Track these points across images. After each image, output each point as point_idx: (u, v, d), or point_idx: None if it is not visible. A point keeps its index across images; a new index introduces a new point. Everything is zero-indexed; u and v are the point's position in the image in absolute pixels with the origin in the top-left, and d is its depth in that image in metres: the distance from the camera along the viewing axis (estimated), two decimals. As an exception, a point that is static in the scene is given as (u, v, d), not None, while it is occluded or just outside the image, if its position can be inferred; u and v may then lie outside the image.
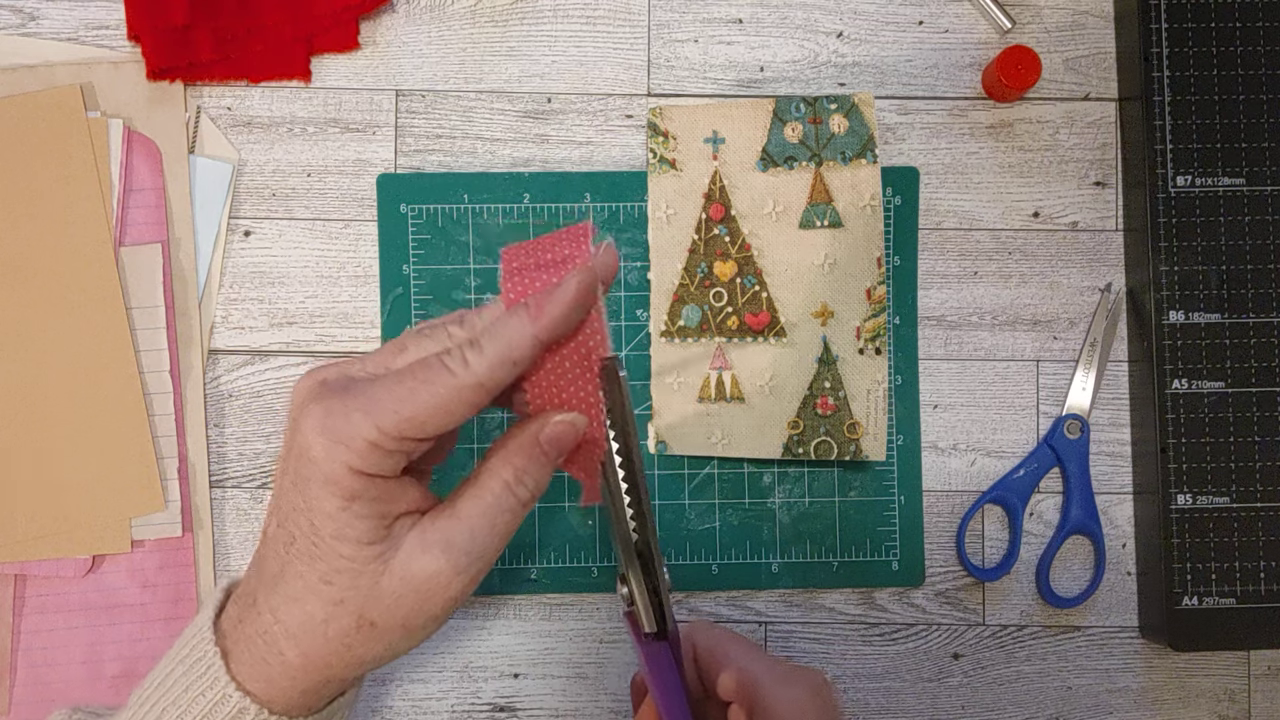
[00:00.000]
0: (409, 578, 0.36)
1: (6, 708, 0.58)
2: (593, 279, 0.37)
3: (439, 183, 0.61)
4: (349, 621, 0.36)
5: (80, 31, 0.61)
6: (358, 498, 0.35)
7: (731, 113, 0.60)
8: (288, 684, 0.37)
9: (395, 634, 0.37)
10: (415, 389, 0.35)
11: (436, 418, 0.35)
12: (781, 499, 0.61)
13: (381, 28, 0.62)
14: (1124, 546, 0.62)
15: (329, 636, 0.37)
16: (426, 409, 0.35)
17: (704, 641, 0.46)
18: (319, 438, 0.35)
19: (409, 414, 0.35)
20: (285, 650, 0.37)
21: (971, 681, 0.61)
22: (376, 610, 0.36)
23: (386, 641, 0.37)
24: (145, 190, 0.60)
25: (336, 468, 0.35)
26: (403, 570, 0.36)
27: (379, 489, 0.36)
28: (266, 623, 0.37)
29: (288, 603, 0.37)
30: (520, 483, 0.38)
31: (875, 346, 0.59)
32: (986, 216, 0.63)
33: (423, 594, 0.36)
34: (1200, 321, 0.60)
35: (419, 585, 0.36)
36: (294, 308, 0.61)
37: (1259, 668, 0.62)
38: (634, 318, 0.61)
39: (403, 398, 0.35)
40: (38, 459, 0.58)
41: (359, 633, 0.37)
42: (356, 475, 0.35)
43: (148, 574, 0.59)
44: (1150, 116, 0.61)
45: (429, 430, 0.36)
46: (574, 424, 0.38)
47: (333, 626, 0.36)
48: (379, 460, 0.35)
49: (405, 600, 0.36)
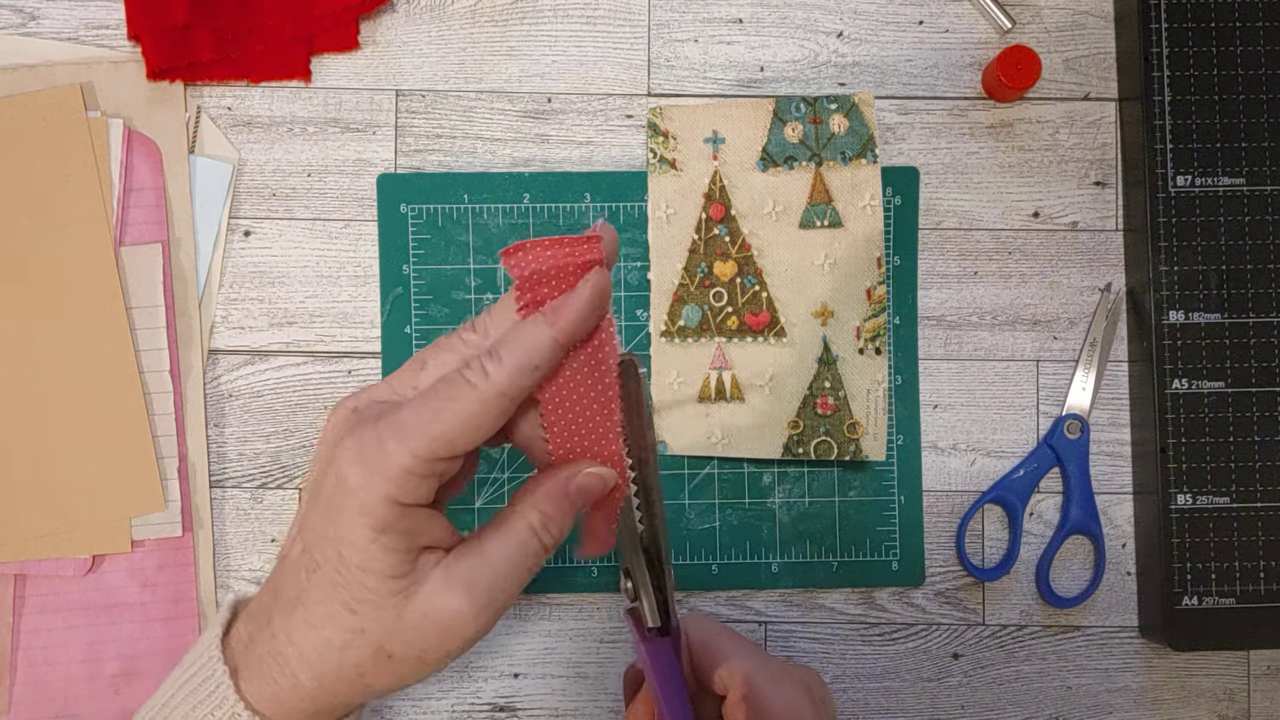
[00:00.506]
0: (431, 614, 0.36)
1: (6, 707, 0.58)
2: (607, 282, 0.37)
3: (439, 183, 0.61)
4: (367, 651, 0.37)
5: (80, 31, 0.61)
6: (389, 530, 0.36)
7: (731, 113, 0.60)
8: (296, 706, 0.38)
9: (410, 666, 0.37)
10: (441, 408, 0.36)
11: (465, 433, 0.36)
12: (781, 499, 0.61)
13: (381, 28, 0.62)
14: (1124, 546, 0.62)
15: (344, 664, 0.37)
16: (454, 426, 0.35)
17: (698, 635, 0.46)
18: (355, 467, 0.35)
19: (438, 433, 0.35)
20: (299, 673, 0.37)
21: (971, 681, 0.61)
22: (396, 643, 0.37)
23: (400, 673, 0.38)
24: (145, 190, 0.60)
25: (372, 498, 0.35)
26: (425, 606, 0.36)
27: (410, 521, 0.36)
28: (280, 644, 0.37)
29: (305, 627, 0.37)
30: (546, 529, 0.38)
31: (875, 346, 0.59)
32: (986, 216, 0.63)
33: (443, 631, 0.37)
34: (1200, 321, 0.60)
35: (440, 622, 0.36)
36: (294, 308, 0.61)
37: (1259, 667, 0.62)
38: (634, 318, 0.61)
39: (429, 419, 0.35)
40: (38, 459, 0.58)
41: (375, 663, 0.37)
42: (391, 505, 0.35)
43: (148, 574, 0.59)
44: (1150, 116, 0.61)
45: (458, 447, 0.36)
46: (603, 477, 0.39)
47: (349, 654, 0.37)
48: (414, 488, 0.36)
49: (426, 636, 0.37)
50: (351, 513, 0.35)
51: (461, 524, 0.60)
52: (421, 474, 0.36)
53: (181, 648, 0.58)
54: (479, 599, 0.37)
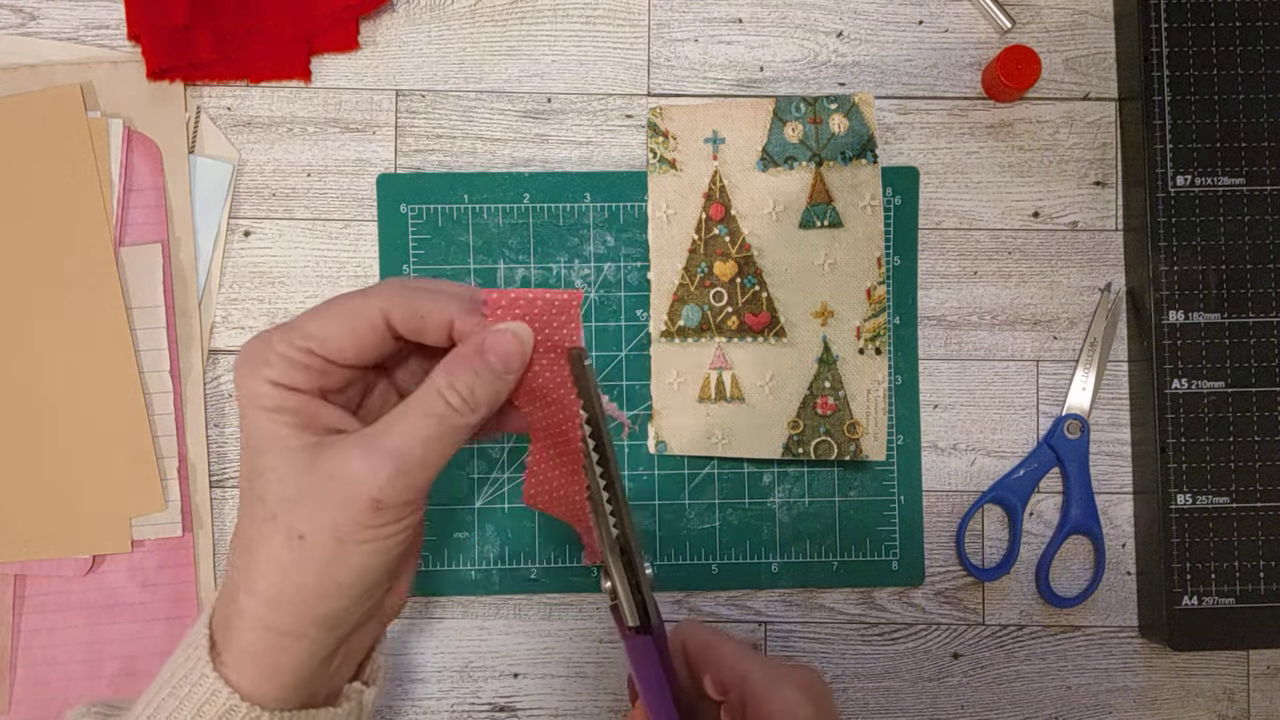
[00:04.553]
0: (332, 473, 0.36)
1: (6, 707, 0.58)
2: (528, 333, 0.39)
3: (439, 183, 0.61)
4: (279, 537, 0.36)
5: (80, 31, 0.61)
6: (281, 409, 0.37)
7: (731, 112, 0.60)
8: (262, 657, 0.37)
9: (327, 548, 0.36)
10: (325, 308, 0.38)
11: (338, 335, 0.37)
12: (781, 499, 0.61)
13: (381, 28, 0.62)
14: (1124, 546, 0.62)
15: (268, 564, 0.36)
16: (329, 325, 0.37)
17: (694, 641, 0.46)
18: (239, 369, 0.38)
19: (313, 328, 0.37)
20: (242, 601, 0.37)
21: (971, 681, 0.61)
22: (301, 517, 0.36)
23: (321, 561, 0.36)
24: (145, 190, 0.60)
25: (256, 383, 0.37)
26: (325, 467, 0.36)
27: (301, 402, 0.37)
28: (232, 586, 0.38)
29: (238, 551, 0.38)
30: (451, 389, 0.37)
31: (875, 346, 0.59)
32: (986, 216, 0.63)
33: (345, 490, 0.36)
34: (1200, 321, 0.60)
35: (341, 481, 0.36)
36: (294, 308, 0.61)
37: (1258, 667, 0.62)
38: (634, 318, 0.61)
39: (311, 316, 0.38)
40: (38, 459, 0.58)
41: (289, 549, 0.36)
42: (274, 387, 0.37)
43: (148, 573, 0.59)
44: (1150, 116, 0.61)
45: (332, 345, 0.37)
46: (517, 333, 0.39)
47: (267, 550, 0.36)
48: (292, 373, 0.37)
49: (328, 500, 0.36)
50: (247, 406, 0.37)
51: (461, 524, 0.60)
52: (300, 362, 0.37)
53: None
54: (380, 457, 0.36)
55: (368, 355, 0.39)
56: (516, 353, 0.38)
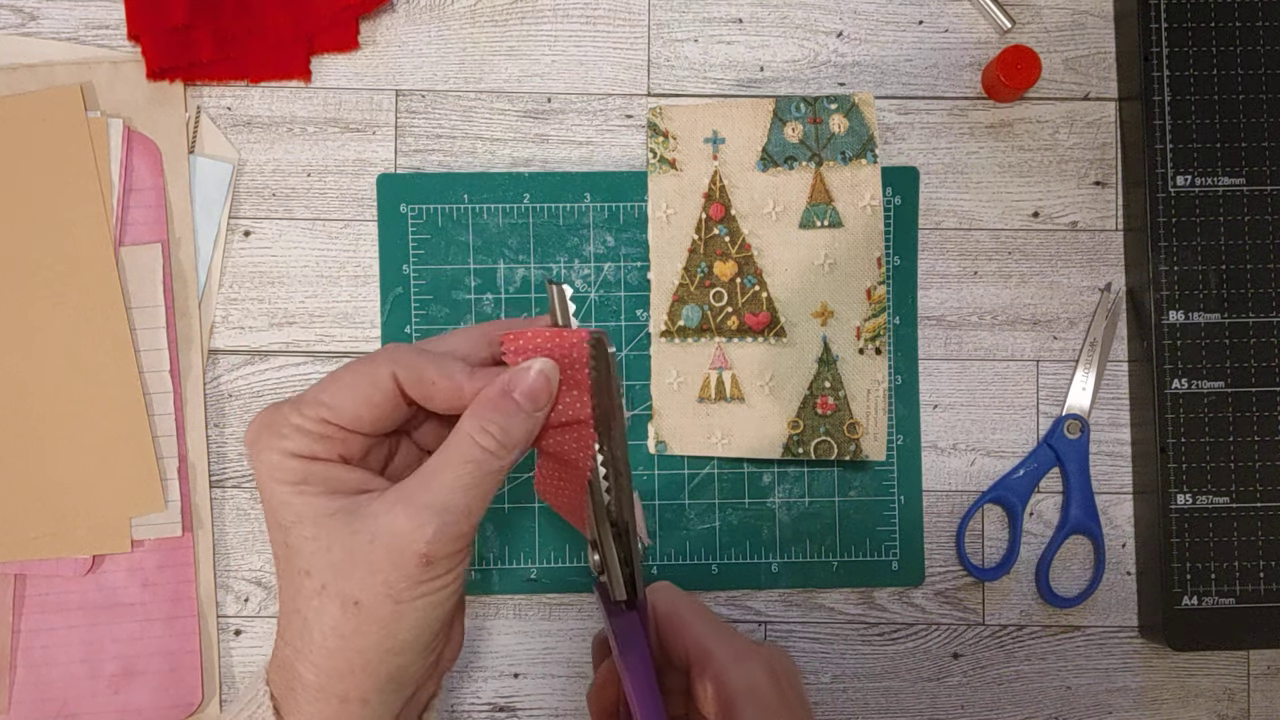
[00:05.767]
0: (377, 536, 0.36)
1: (6, 707, 0.58)
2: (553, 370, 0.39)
3: (439, 183, 0.61)
4: (334, 607, 0.36)
5: (80, 31, 0.61)
6: (306, 481, 0.37)
7: (731, 112, 0.60)
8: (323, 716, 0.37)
9: (384, 610, 0.36)
10: (335, 378, 0.38)
11: (352, 403, 0.37)
12: (781, 499, 0.61)
13: (381, 28, 0.62)
14: (1124, 546, 0.62)
15: (325, 634, 0.36)
16: (341, 394, 0.37)
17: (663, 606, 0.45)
18: (253, 444, 0.37)
19: (326, 399, 0.37)
20: (302, 672, 0.37)
21: (971, 681, 0.61)
22: (353, 583, 0.36)
23: (380, 624, 0.36)
24: (145, 190, 0.60)
25: (275, 457, 0.37)
26: (370, 530, 0.36)
27: (324, 469, 0.37)
28: (288, 658, 0.38)
29: (292, 626, 0.37)
30: (484, 432, 0.37)
31: (875, 346, 0.59)
32: (986, 216, 0.63)
33: (394, 551, 0.36)
34: (1200, 321, 0.60)
35: (388, 543, 0.36)
36: (294, 308, 0.61)
37: (1258, 667, 0.62)
38: (634, 318, 0.61)
39: (322, 388, 0.38)
40: (38, 459, 0.58)
41: (347, 617, 0.36)
42: (294, 459, 0.37)
43: (147, 573, 0.59)
44: (1150, 116, 0.61)
45: (347, 414, 0.37)
46: (544, 372, 0.39)
47: (322, 621, 0.36)
48: (311, 444, 0.37)
49: (379, 563, 0.36)
50: (268, 483, 0.37)
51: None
52: (316, 432, 0.37)
53: (181, 648, 0.58)
54: (424, 511, 0.36)
55: (383, 422, 0.38)
56: (544, 389, 0.39)
